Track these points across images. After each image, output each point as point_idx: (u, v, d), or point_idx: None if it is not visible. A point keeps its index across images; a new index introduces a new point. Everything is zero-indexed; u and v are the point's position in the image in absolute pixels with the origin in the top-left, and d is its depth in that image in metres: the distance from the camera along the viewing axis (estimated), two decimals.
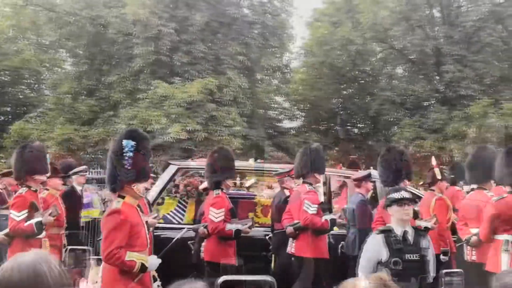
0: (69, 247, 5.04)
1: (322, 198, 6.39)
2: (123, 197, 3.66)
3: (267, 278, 1.08)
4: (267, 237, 6.25)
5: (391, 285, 1.64)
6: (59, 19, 17.06)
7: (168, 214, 6.78)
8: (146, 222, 4.73)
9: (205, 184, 6.42)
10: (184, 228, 6.18)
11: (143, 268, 3.50)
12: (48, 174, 5.41)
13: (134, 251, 3.49)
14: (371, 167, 7.83)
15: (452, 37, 20.21)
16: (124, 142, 3.67)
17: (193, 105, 16.35)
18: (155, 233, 5.54)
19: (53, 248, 5.43)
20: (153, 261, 3.63)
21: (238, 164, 6.67)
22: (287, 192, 6.32)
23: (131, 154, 3.66)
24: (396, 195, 3.98)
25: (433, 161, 6.42)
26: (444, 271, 1.45)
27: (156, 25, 16.82)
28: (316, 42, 21.96)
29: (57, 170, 6.21)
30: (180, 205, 7.04)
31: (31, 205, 4.96)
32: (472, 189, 5.90)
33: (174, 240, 5.34)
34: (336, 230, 5.97)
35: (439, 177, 6.15)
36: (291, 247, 5.69)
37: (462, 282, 2.27)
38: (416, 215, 5.20)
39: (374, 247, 3.91)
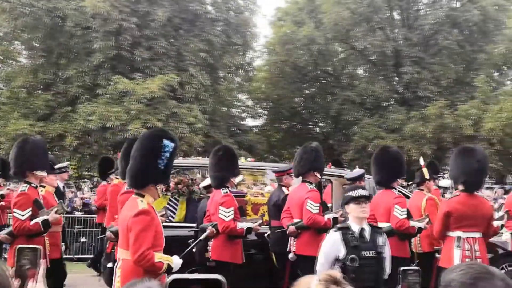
0: (19, 245, 4.87)
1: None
2: (142, 196, 3.61)
3: (218, 277, 1.06)
4: (265, 235, 6.22)
5: (341, 281, 1.64)
6: (13, 10, 16.37)
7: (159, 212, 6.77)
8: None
9: (206, 182, 6.38)
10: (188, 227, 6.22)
11: (169, 269, 3.51)
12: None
13: (156, 251, 3.48)
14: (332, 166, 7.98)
15: (411, 39, 20.73)
16: (165, 142, 3.62)
17: (154, 101, 16.10)
18: None
19: (53, 246, 5.36)
20: (177, 261, 3.62)
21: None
22: (285, 190, 6.33)
23: (168, 155, 3.63)
24: (353, 193, 4.03)
25: (422, 161, 6.59)
26: (402, 268, 1.48)
27: (116, 20, 16.43)
28: (279, 41, 22.06)
29: (52, 166, 6.03)
30: (171, 203, 6.99)
31: (35, 203, 4.80)
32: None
33: (197, 241, 5.27)
34: None
35: (427, 177, 6.31)
36: (292, 246, 5.67)
37: (419, 279, 2.31)
38: (409, 215, 5.36)
39: (331, 244, 3.95)
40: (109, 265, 5.46)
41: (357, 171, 6.85)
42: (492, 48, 21.80)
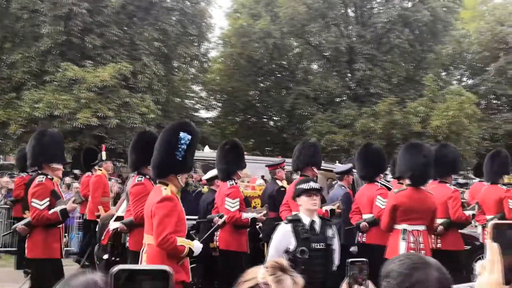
0: None
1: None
2: (166, 185, 3.79)
3: (165, 268, 1.03)
4: (257, 226, 6.28)
5: (288, 268, 1.63)
6: None
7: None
8: None
9: (209, 175, 6.48)
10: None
11: (190, 252, 3.71)
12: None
13: (178, 236, 3.65)
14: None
15: (364, 36, 21.15)
16: (181, 134, 3.82)
17: (105, 90, 15.63)
18: None
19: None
20: (197, 245, 3.85)
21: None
22: (279, 183, 6.57)
23: (185, 147, 3.83)
24: (304, 186, 4.05)
25: None
26: (349, 260, 1.50)
27: (67, 4, 15.80)
28: (234, 33, 21.97)
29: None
30: None
31: (52, 193, 4.86)
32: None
33: (215, 227, 5.45)
34: None
35: None
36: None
37: (367, 271, 2.33)
38: None
39: (282, 236, 3.96)
40: (105, 256, 5.49)
41: (345, 165, 7.10)
42: (441, 49, 22.66)
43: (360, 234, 6.02)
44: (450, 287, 1.49)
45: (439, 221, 5.61)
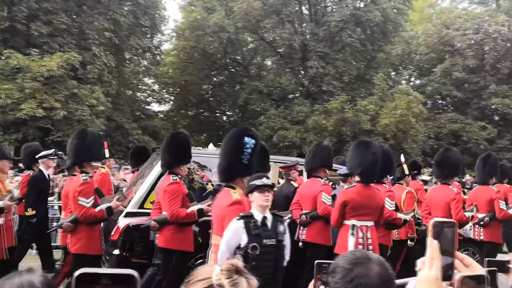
0: None
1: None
2: (233, 188, 4.00)
3: (132, 272, 0.98)
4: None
5: (243, 270, 1.59)
6: None
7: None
8: (201, 209, 5.10)
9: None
10: None
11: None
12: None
13: None
14: None
15: (317, 34, 21.43)
16: (246, 139, 4.02)
17: (52, 80, 15.04)
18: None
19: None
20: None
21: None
22: (294, 184, 6.66)
23: (250, 151, 4.03)
24: (257, 182, 4.02)
25: (402, 158, 7.17)
26: (317, 261, 1.51)
27: None
28: (188, 26, 21.68)
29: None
30: None
31: (96, 192, 5.03)
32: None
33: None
34: None
35: (406, 172, 7.00)
36: (301, 234, 5.90)
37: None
38: (397, 208, 5.92)
39: (233, 233, 3.92)
40: (115, 252, 5.53)
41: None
42: (390, 49, 23.32)
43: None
44: (392, 281, 1.52)
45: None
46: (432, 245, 1.19)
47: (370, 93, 20.98)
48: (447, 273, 1.19)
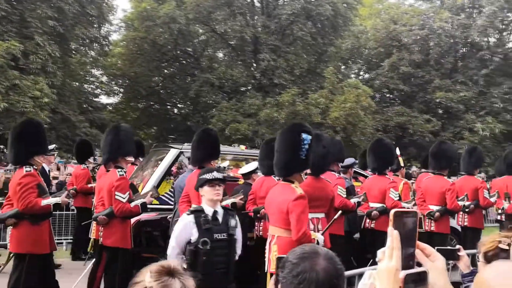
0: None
1: None
2: (292, 182, 4.17)
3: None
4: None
5: (176, 271, 1.53)
6: None
7: (163, 195, 6.78)
8: (234, 203, 5.51)
9: (244, 170, 6.68)
10: None
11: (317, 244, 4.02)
12: None
13: None
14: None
15: (269, 27, 21.46)
16: (304, 135, 4.15)
17: None
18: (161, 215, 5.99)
19: None
20: (320, 237, 4.26)
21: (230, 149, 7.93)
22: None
23: (307, 146, 4.16)
24: (207, 176, 3.95)
25: (398, 151, 7.51)
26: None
27: None
28: (138, 17, 21.14)
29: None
30: (173, 187, 6.90)
31: (131, 187, 5.19)
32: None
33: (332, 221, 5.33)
34: None
35: (402, 164, 7.61)
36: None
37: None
38: (400, 198, 6.40)
39: (183, 228, 3.85)
40: None
41: (348, 160, 7.39)
42: (341, 43, 23.70)
43: (369, 221, 6.60)
44: (339, 276, 1.53)
45: (434, 208, 6.60)
46: (392, 235, 1.17)
47: (320, 86, 21.25)
48: (408, 263, 1.18)
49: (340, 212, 5.55)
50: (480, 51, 23.52)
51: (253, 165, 6.60)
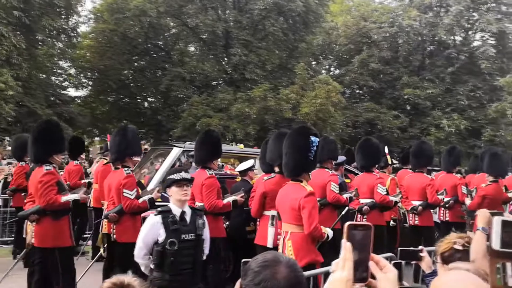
0: None
1: None
2: (301, 181, 4.42)
3: None
4: None
5: (129, 285, 1.55)
6: None
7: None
8: (236, 200, 5.73)
9: (241, 167, 6.79)
10: None
11: (327, 238, 4.40)
12: None
13: None
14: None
15: (241, 22, 21.40)
16: (313, 138, 4.43)
17: None
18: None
19: None
20: (330, 232, 4.47)
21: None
22: None
23: (315, 148, 4.44)
24: (175, 176, 3.96)
25: (386, 150, 7.98)
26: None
27: None
28: (107, 9, 20.75)
29: None
30: None
31: (138, 184, 5.45)
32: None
33: (340, 218, 5.67)
34: None
35: (390, 162, 8.10)
36: None
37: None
38: (387, 193, 6.73)
39: (150, 228, 3.86)
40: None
41: (339, 158, 7.59)
42: (312, 39, 23.84)
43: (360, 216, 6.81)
44: (300, 284, 1.55)
45: (417, 203, 7.07)
46: (345, 247, 1.21)
47: (291, 82, 21.35)
48: (361, 275, 1.22)
49: (347, 208, 5.93)
50: (447, 49, 24.09)
51: (249, 162, 6.84)
